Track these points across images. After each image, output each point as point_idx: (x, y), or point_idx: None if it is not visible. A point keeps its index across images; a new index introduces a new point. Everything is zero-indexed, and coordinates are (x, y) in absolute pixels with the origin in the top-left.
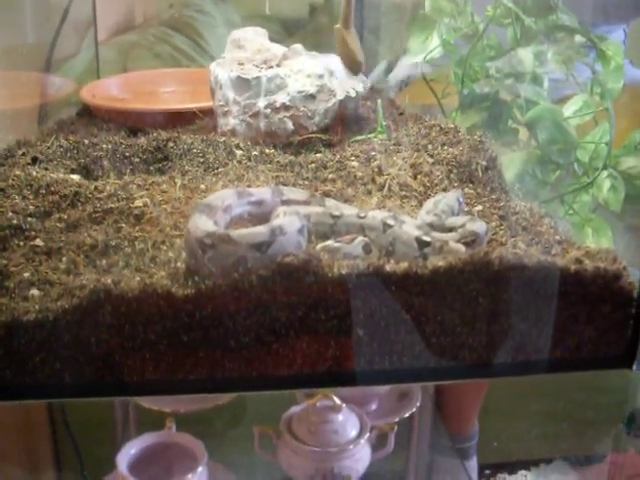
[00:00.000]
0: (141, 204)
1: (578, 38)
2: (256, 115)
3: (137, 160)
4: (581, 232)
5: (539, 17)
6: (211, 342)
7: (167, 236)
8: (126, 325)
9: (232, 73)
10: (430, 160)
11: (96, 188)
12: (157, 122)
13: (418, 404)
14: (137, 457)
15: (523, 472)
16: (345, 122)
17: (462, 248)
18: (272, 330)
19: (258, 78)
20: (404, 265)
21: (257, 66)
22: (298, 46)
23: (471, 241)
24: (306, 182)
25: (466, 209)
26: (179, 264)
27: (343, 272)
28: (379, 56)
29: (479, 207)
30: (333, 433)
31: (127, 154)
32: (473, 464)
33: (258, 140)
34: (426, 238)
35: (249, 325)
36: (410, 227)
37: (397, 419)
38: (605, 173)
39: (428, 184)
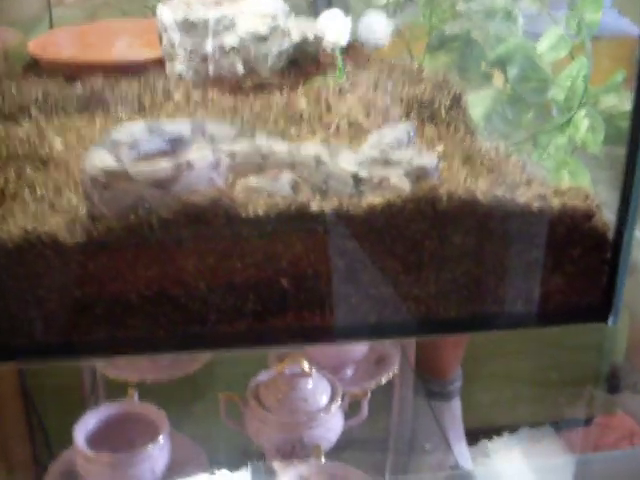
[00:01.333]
0: (49, 148)
1: None
2: (204, 60)
3: (69, 108)
4: (557, 177)
5: None
6: (108, 298)
7: (74, 180)
8: (10, 280)
9: (177, 15)
10: (387, 99)
11: (7, 134)
12: (109, 73)
13: (396, 368)
14: (96, 428)
15: (500, 437)
16: (303, 67)
17: (406, 184)
18: (177, 283)
19: (205, 19)
20: (332, 203)
21: (206, 7)
22: None
23: (418, 177)
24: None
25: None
26: (80, 209)
27: (260, 213)
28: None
29: (440, 147)
30: (302, 401)
31: (59, 102)
32: (456, 404)
33: (207, 87)
34: (363, 173)
35: (150, 278)
36: (346, 162)
37: (374, 385)
38: (583, 112)
39: (383, 123)
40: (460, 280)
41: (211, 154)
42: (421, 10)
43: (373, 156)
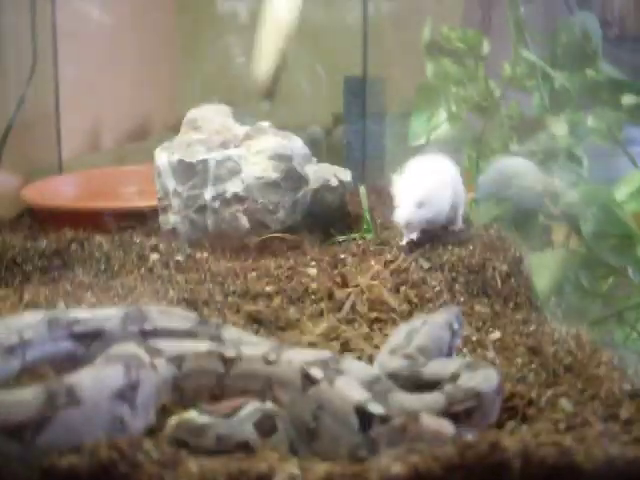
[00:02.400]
0: None
1: (626, 98)
2: (202, 210)
3: (29, 268)
4: None
5: (573, 72)
6: None
7: None
8: None
9: (173, 156)
10: (425, 264)
11: None
12: (103, 223)
13: None
14: None
15: None
16: (323, 220)
17: (448, 428)
18: None
19: (204, 161)
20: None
21: (209, 148)
22: (264, 123)
23: (468, 411)
24: (230, 298)
25: (474, 338)
26: None
27: None
28: None
29: (496, 333)
30: None
31: (19, 260)
32: None
33: (204, 243)
34: (374, 408)
35: None
36: (349, 384)
37: None
38: None
39: (416, 300)
40: None
41: (120, 372)
42: (466, 152)
43: (394, 369)
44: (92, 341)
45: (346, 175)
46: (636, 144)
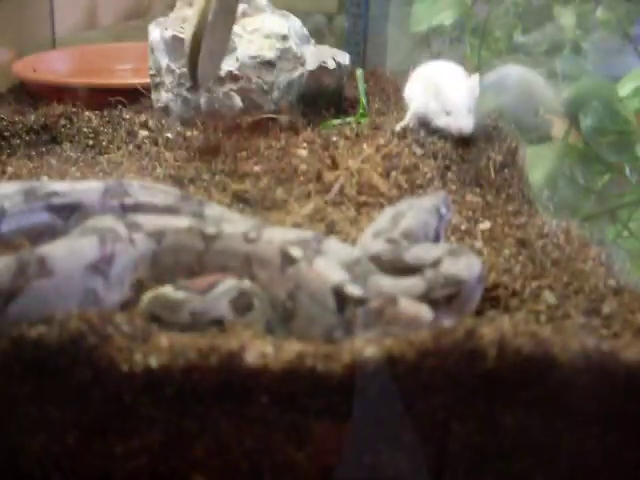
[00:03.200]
0: None
1: None
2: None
3: (16, 142)
4: None
5: None
6: None
7: None
8: None
9: (166, 32)
10: (418, 151)
11: None
12: (95, 100)
13: None
14: None
15: None
16: (319, 102)
17: (426, 313)
18: None
19: None
20: (288, 353)
21: None
22: (262, 1)
23: (448, 297)
24: (217, 177)
25: (463, 227)
26: None
27: (137, 369)
28: None
29: (486, 224)
30: None
31: (6, 134)
32: None
33: (196, 122)
34: (352, 290)
35: None
36: (328, 264)
37: None
38: None
39: (406, 186)
40: None
41: (95, 245)
42: (468, 41)
43: (376, 252)
44: (70, 214)
45: (344, 58)
46: None
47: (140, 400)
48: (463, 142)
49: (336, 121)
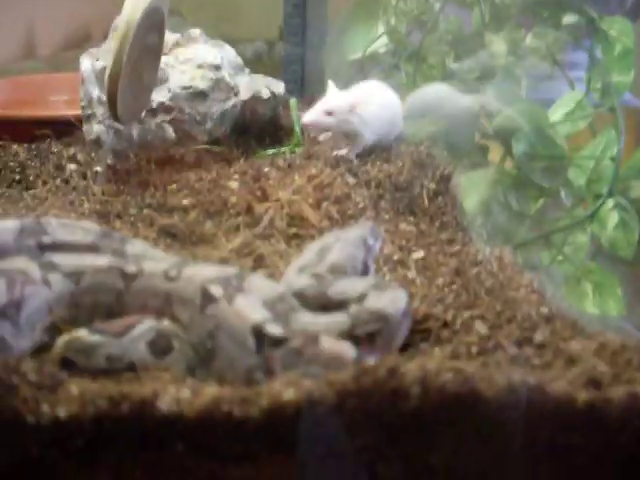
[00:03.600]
0: None
1: (568, 17)
2: None
3: None
4: (576, 289)
5: None
6: None
7: None
8: None
9: (97, 63)
10: (351, 180)
11: None
12: (24, 133)
13: None
14: None
15: None
16: (253, 132)
17: (348, 351)
18: None
19: None
20: (203, 399)
21: None
22: (196, 31)
23: (372, 334)
24: (145, 211)
25: (396, 257)
26: None
27: (43, 421)
28: None
29: (419, 252)
30: None
31: None
32: None
33: (129, 155)
34: (272, 329)
35: None
36: (249, 303)
37: None
38: (611, 202)
39: (338, 216)
40: None
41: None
42: (403, 68)
43: (299, 289)
44: None
45: (279, 87)
46: (577, 68)
47: (48, 453)
48: (398, 171)
49: (270, 151)
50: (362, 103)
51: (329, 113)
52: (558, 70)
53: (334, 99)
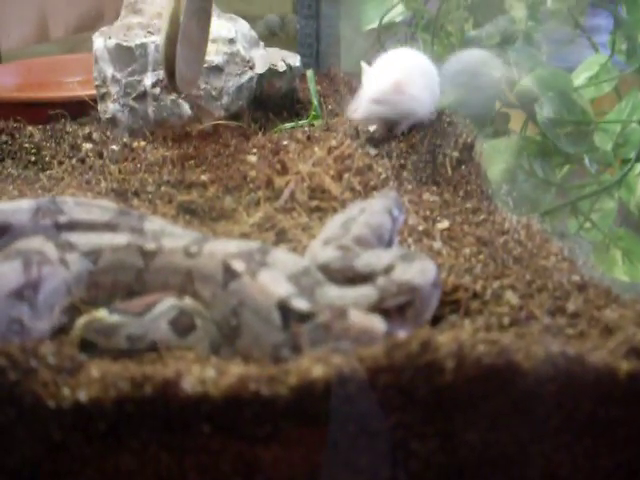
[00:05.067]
0: None
1: None
2: (142, 97)
3: None
4: (604, 257)
5: None
6: None
7: None
8: None
9: (110, 41)
10: (372, 151)
11: None
12: (39, 115)
13: None
14: None
15: None
16: (270, 105)
17: (379, 325)
18: None
19: (143, 45)
20: (229, 378)
21: (150, 32)
22: None
23: (402, 306)
24: (163, 188)
25: (420, 228)
26: None
27: (65, 405)
28: None
29: (444, 223)
30: None
31: None
32: None
33: (145, 132)
34: (298, 304)
35: None
36: (273, 277)
37: None
38: (639, 167)
39: (360, 188)
40: None
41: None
42: (420, 37)
43: (324, 262)
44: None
45: (295, 60)
46: (599, 32)
47: (70, 438)
48: (420, 140)
49: (288, 125)
50: (406, 80)
51: (377, 101)
52: (580, 34)
53: (376, 84)
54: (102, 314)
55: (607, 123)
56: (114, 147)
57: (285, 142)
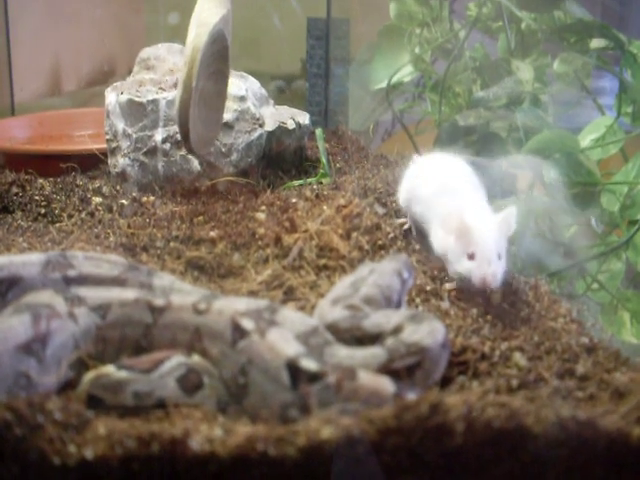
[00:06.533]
0: None
1: (595, 42)
2: (152, 152)
3: None
4: (612, 318)
5: (540, 13)
6: None
7: None
8: None
9: (122, 96)
10: (380, 210)
11: None
12: (50, 167)
13: None
14: None
15: None
16: (279, 163)
17: (387, 386)
18: None
19: (155, 101)
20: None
21: (162, 89)
22: None
23: (411, 367)
24: (172, 244)
25: (428, 288)
26: None
27: (70, 462)
28: None
29: (452, 283)
30: None
31: None
32: None
33: (154, 187)
34: (307, 364)
35: None
36: (282, 336)
37: None
38: None
39: (368, 247)
40: None
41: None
42: (428, 97)
43: (333, 321)
44: (8, 289)
45: (304, 118)
46: (605, 94)
47: None
48: None
49: (297, 182)
50: (501, 221)
51: (499, 256)
52: (587, 96)
53: (482, 240)
54: (109, 370)
55: (614, 184)
56: (123, 201)
57: (294, 200)
